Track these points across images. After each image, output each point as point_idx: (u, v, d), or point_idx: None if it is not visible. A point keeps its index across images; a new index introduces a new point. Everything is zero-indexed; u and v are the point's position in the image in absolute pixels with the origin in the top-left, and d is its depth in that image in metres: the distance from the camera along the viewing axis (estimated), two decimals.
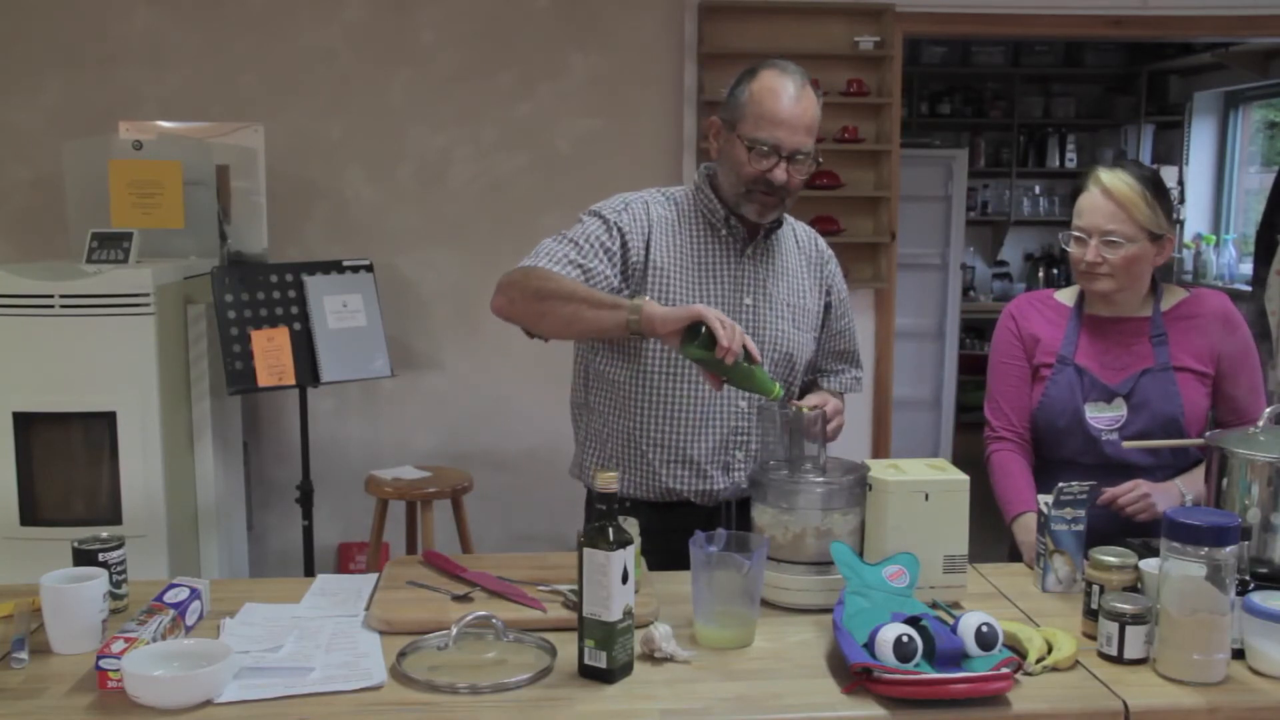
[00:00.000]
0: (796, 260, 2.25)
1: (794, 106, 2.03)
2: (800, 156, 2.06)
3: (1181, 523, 1.56)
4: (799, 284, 2.23)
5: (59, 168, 3.83)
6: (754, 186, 2.07)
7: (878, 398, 4.50)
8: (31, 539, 3.15)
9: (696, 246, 2.16)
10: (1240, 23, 4.48)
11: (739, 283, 2.16)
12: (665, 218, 2.16)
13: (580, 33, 4.23)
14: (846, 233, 4.39)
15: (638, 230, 2.12)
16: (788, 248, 2.24)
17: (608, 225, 2.11)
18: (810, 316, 2.24)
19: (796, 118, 2.04)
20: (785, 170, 2.05)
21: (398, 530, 3.92)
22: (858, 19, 4.34)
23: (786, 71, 2.06)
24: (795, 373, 2.22)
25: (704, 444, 2.15)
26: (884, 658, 1.51)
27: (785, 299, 2.20)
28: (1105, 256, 2.15)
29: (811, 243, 2.30)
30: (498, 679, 1.54)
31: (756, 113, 2.04)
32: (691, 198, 2.20)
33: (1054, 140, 7.58)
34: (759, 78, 2.06)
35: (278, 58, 4.14)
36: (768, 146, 2.03)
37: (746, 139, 2.05)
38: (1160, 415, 2.16)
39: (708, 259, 2.16)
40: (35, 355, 3.14)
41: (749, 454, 2.18)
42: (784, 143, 2.03)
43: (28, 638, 1.66)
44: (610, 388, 2.19)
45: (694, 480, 2.16)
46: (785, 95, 2.03)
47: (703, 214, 2.18)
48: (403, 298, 4.20)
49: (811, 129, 2.07)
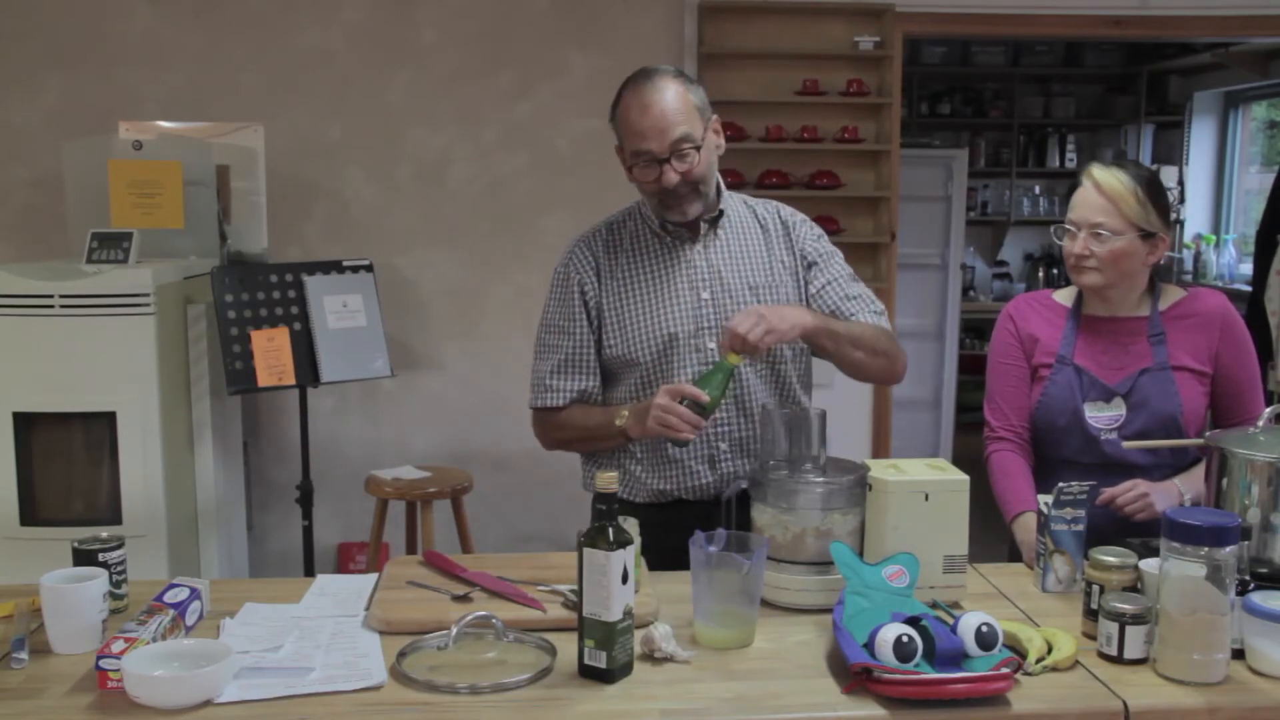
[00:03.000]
0: (756, 239, 2.25)
1: (650, 113, 2.06)
2: (681, 150, 2.08)
3: (1181, 523, 1.56)
4: (761, 262, 2.23)
5: (59, 168, 3.83)
6: (658, 196, 2.13)
7: (878, 398, 4.50)
8: (31, 539, 3.15)
9: (646, 258, 2.22)
10: (1240, 23, 4.49)
11: (694, 280, 2.20)
12: (609, 244, 2.24)
13: (580, 33, 4.23)
14: (846, 233, 4.39)
15: (588, 271, 2.22)
16: (747, 228, 2.25)
17: (567, 285, 2.23)
18: (781, 289, 2.22)
19: (657, 120, 2.06)
20: (672, 169, 2.08)
21: (398, 530, 3.92)
22: (858, 19, 4.34)
23: (638, 80, 2.11)
24: (773, 354, 2.20)
25: None
26: (884, 658, 1.51)
27: (746, 281, 2.21)
28: (1092, 249, 2.16)
29: (772, 216, 2.30)
30: (498, 679, 1.54)
31: (624, 131, 2.12)
32: (636, 215, 2.26)
33: (1054, 140, 7.58)
34: (622, 99, 2.12)
35: (278, 58, 4.14)
36: (644, 158, 2.09)
37: (628, 159, 2.13)
38: (1159, 414, 2.16)
39: (659, 266, 2.21)
40: (35, 355, 3.14)
41: (734, 443, 2.19)
42: (653, 149, 2.07)
43: (28, 638, 1.66)
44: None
45: (682, 478, 2.19)
46: (638, 105, 2.08)
47: (646, 225, 2.23)
48: (403, 298, 4.20)
49: (676, 120, 2.07)
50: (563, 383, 2.21)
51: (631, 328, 2.18)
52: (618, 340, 2.20)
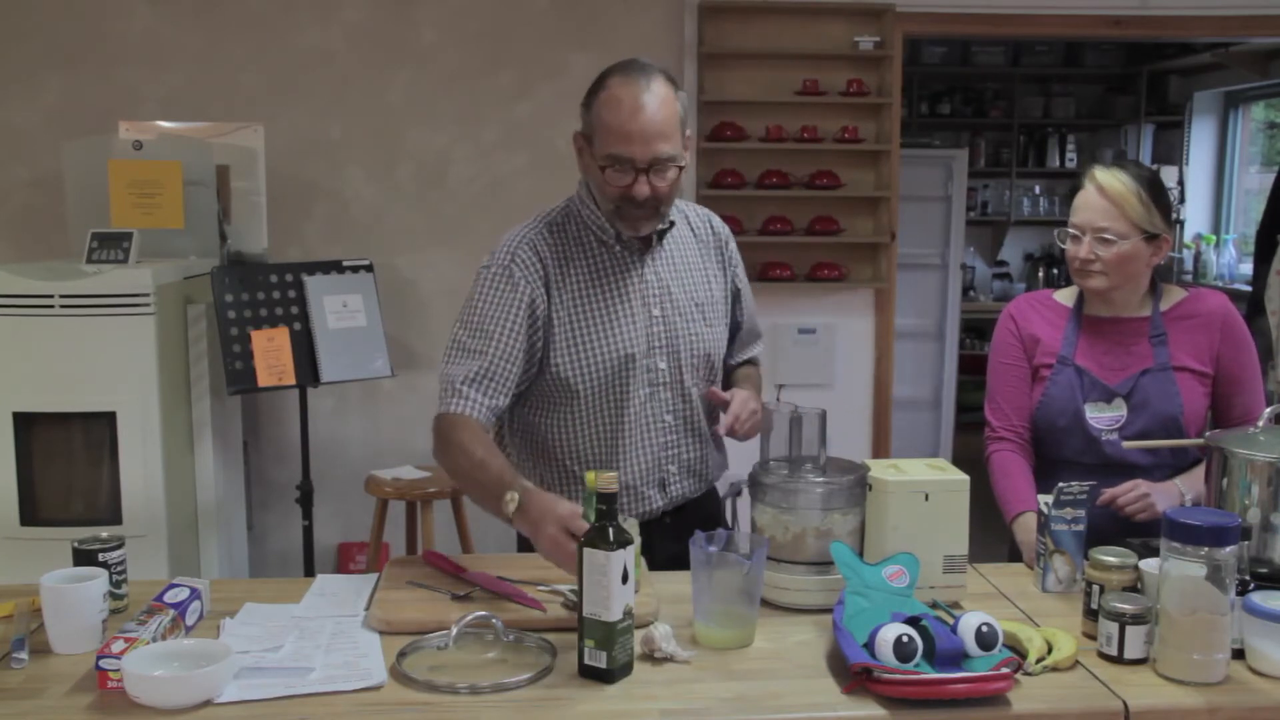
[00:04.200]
0: (695, 252, 2.16)
1: (641, 116, 1.89)
2: (660, 164, 1.92)
3: (1181, 523, 1.56)
4: (701, 276, 2.15)
5: (59, 168, 3.83)
6: (620, 204, 1.97)
7: (878, 398, 4.50)
8: (31, 539, 3.15)
9: (593, 270, 2.06)
10: (1240, 23, 4.48)
11: (645, 296, 2.08)
12: (556, 251, 2.05)
13: (580, 33, 4.22)
14: (846, 233, 4.39)
15: (536, 281, 2.02)
16: (685, 240, 2.15)
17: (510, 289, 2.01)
18: (719, 307, 2.17)
19: (646, 126, 1.89)
20: (647, 183, 1.93)
21: (398, 530, 3.92)
22: (858, 19, 4.34)
23: (631, 74, 1.93)
24: (715, 371, 2.17)
25: (637, 466, 2.11)
26: (884, 658, 1.51)
27: (692, 297, 2.12)
28: (1098, 253, 2.15)
29: (705, 226, 2.20)
30: (498, 679, 1.54)
31: (605, 127, 1.92)
32: (575, 218, 2.09)
33: (1054, 140, 7.58)
34: (605, 87, 1.94)
35: (278, 58, 4.14)
36: (622, 162, 1.92)
37: (600, 157, 1.95)
38: (1160, 415, 2.16)
39: (608, 279, 2.06)
40: (35, 355, 3.14)
41: (682, 465, 2.16)
42: (637, 156, 1.91)
43: (28, 638, 1.66)
44: (531, 433, 2.14)
45: (632, 504, 2.12)
46: (629, 104, 1.89)
47: (592, 232, 2.07)
48: (403, 298, 4.20)
49: (667, 133, 1.91)
50: (478, 395, 1.95)
51: (585, 347, 2.03)
52: (568, 360, 2.03)
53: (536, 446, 2.16)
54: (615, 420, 2.09)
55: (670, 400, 2.12)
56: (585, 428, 2.10)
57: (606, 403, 2.08)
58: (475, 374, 1.97)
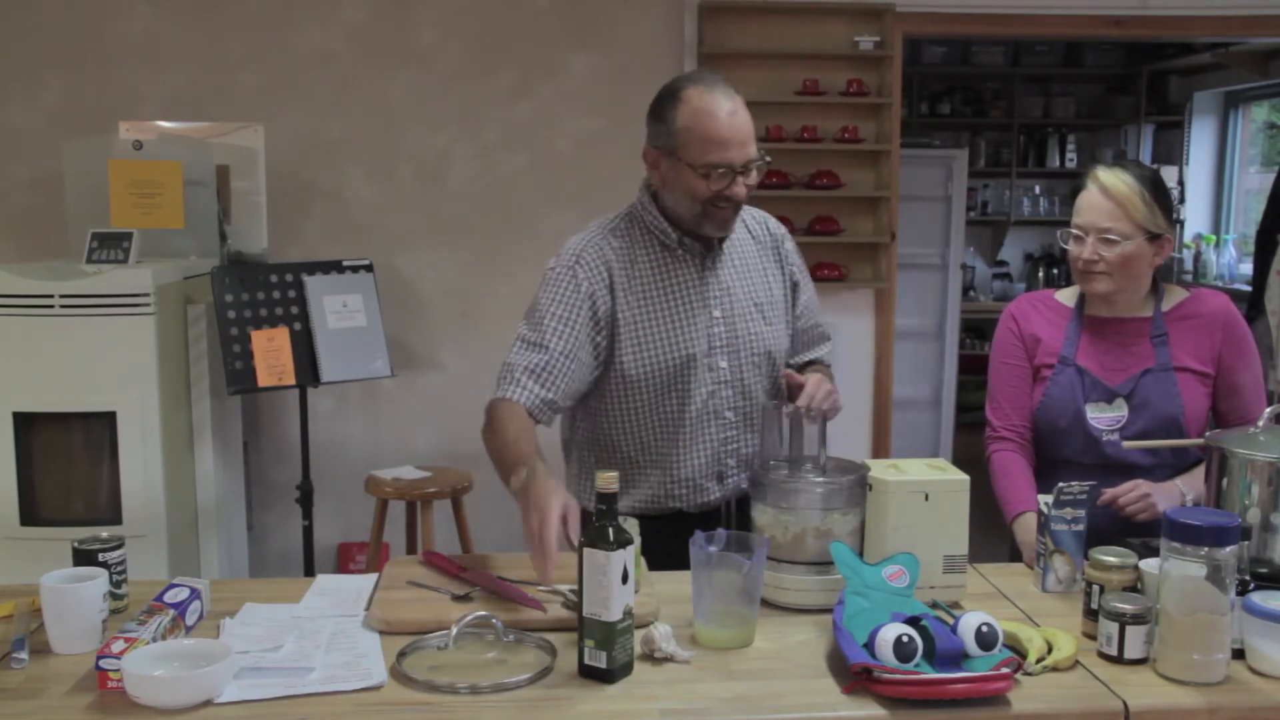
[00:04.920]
0: (754, 252, 2.24)
1: (732, 121, 2.00)
2: (752, 164, 2.05)
3: (1181, 523, 1.56)
4: (761, 277, 2.23)
5: (59, 168, 3.83)
6: (708, 206, 2.05)
7: (878, 398, 4.50)
8: (31, 539, 3.15)
9: (656, 273, 2.14)
10: (1240, 23, 4.48)
11: (705, 298, 2.15)
12: (620, 254, 2.13)
13: (580, 33, 4.22)
14: (846, 233, 4.39)
15: (600, 281, 2.10)
16: (743, 242, 2.23)
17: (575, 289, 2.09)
18: (779, 306, 2.24)
19: (740, 131, 2.01)
20: (742, 184, 2.05)
21: (398, 530, 3.92)
22: (858, 19, 4.34)
23: (713, 87, 2.03)
24: (776, 368, 2.23)
25: (697, 460, 2.17)
26: (884, 658, 1.51)
27: (752, 298, 2.20)
28: (1102, 254, 2.15)
29: (763, 227, 2.28)
30: (498, 679, 1.54)
31: (700, 137, 2.01)
32: (638, 223, 2.17)
33: (1054, 140, 7.58)
34: (687, 100, 2.02)
35: (278, 58, 4.14)
36: (722, 169, 2.01)
37: (699, 166, 2.02)
38: (1161, 415, 2.16)
39: (670, 282, 2.14)
40: (35, 355, 3.14)
41: (740, 459, 2.20)
42: (735, 160, 2.02)
43: (28, 638, 1.66)
44: (596, 428, 2.21)
45: (690, 495, 2.18)
46: (721, 113, 2.00)
47: (655, 237, 2.15)
48: (403, 298, 4.20)
49: (753, 133, 2.04)
50: (533, 384, 2.03)
51: (650, 347, 2.12)
52: (633, 359, 2.12)
53: (601, 441, 2.21)
54: (678, 416, 2.15)
55: (731, 397, 2.17)
56: (648, 422, 2.16)
57: (669, 399, 2.14)
58: (534, 366, 2.05)
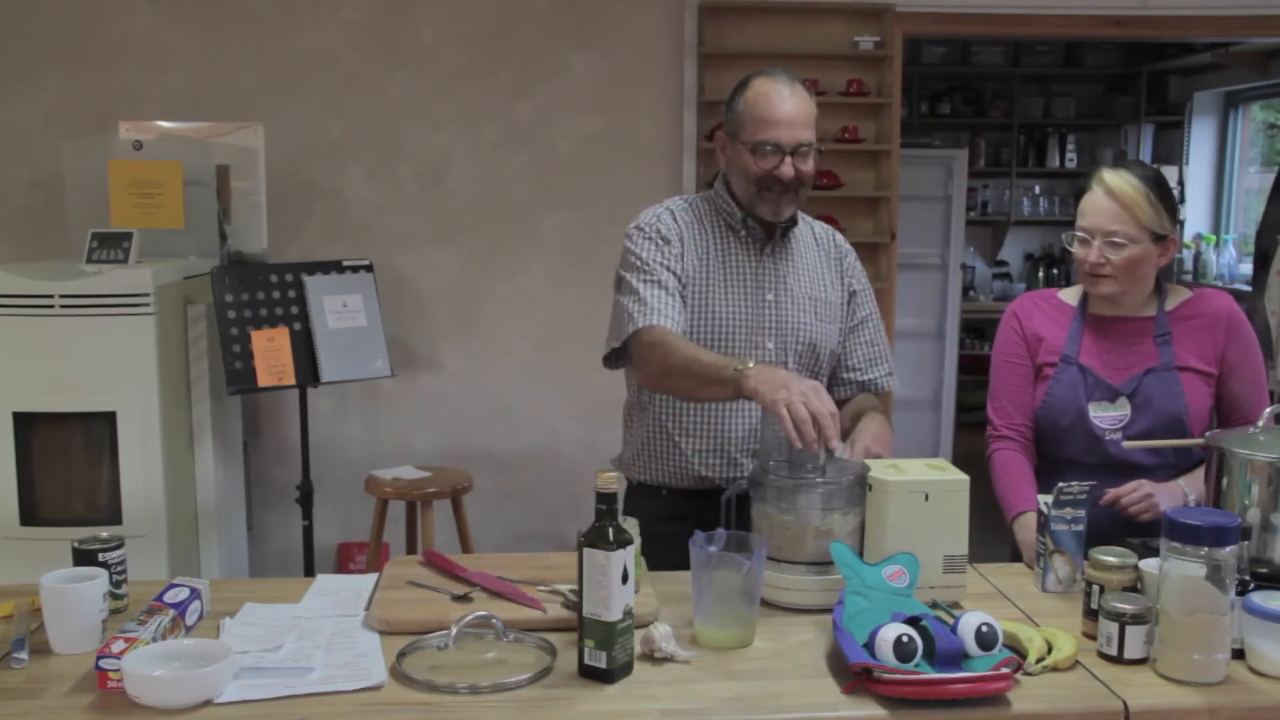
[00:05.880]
0: (815, 255, 2.35)
1: (788, 104, 2.16)
2: (803, 149, 2.18)
3: (1181, 523, 1.56)
4: (819, 278, 2.33)
5: (59, 168, 3.83)
6: (764, 185, 2.19)
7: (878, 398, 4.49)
8: (31, 539, 3.15)
9: (718, 248, 2.27)
10: (1240, 23, 4.48)
11: (760, 280, 2.26)
12: (689, 224, 2.28)
13: (580, 33, 4.23)
14: (846, 233, 4.30)
15: (675, 238, 2.25)
16: (806, 244, 2.35)
17: (662, 238, 2.23)
18: (833, 308, 2.33)
19: (792, 114, 2.16)
20: (791, 165, 2.17)
21: (398, 530, 3.92)
22: (858, 19, 4.34)
23: (776, 76, 2.20)
24: (820, 362, 2.31)
25: (735, 431, 2.23)
26: (884, 658, 1.51)
27: (806, 292, 2.29)
28: (1108, 257, 2.14)
29: (829, 238, 2.41)
30: (498, 679, 1.54)
31: (755, 117, 2.17)
32: (710, 203, 2.32)
33: (1054, 140, 7.57)
34: (751, 87, 2.21)
35: (278, 58, 4.14)
36: (770, 146, 2.15)
37: (750, 143, 2.17)
38: (1164, 415, 2.15)
39: (730, 260, 2.26)
40: (35, 355, 3.14)
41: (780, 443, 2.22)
42: (784, 140, 2.16)
43: (28, 638, 1.65)
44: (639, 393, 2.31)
45: (725, 468, 2.23)
46: (778, 96, 2.17)
47: (722, 217, 2.29)
48: (403, 298, 4.20)
49: (809, 122, 2.20)
50: (668, 309, 2.15)
51: (703, 311, 2.22)
52: (689, 320, 2.22)
53: (643, 406, 2.30)
54: None
55: None
56: None
57: None
58: (661, 293, 2.17)
